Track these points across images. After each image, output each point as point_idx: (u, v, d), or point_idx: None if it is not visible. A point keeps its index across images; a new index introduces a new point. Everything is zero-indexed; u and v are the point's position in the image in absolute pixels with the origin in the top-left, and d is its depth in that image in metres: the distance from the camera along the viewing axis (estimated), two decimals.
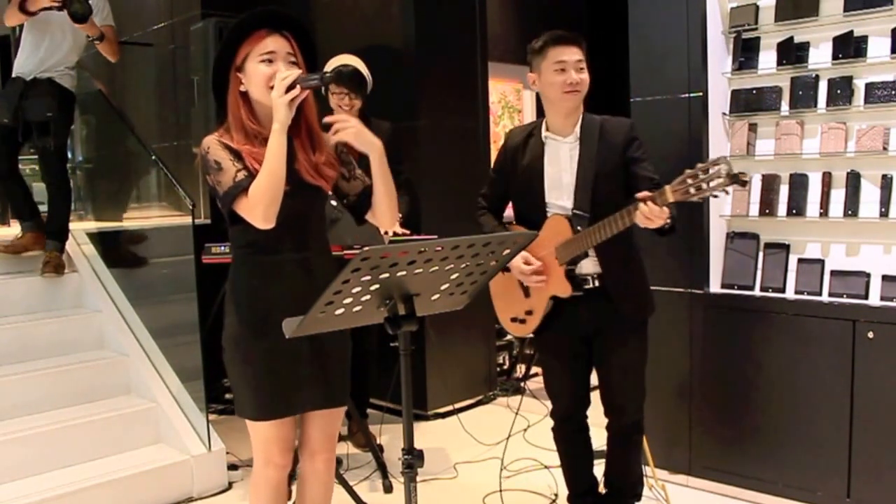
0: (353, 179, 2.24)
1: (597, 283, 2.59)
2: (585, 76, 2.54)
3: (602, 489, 2.90)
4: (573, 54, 2.52)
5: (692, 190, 2.21)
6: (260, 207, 2.01)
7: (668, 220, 2.29)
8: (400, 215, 3.66)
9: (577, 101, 2.56)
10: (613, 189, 2.57)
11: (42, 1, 3.68)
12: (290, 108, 2.01)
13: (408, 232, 3.62)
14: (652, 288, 2.76)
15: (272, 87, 2.02)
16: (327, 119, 2.14)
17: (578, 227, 2.52)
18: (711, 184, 2.17)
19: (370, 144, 2.12)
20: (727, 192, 2.49)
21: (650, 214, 2.26)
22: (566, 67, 2.51)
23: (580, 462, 2.89)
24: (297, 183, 2.10)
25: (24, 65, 3.90)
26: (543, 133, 2.63)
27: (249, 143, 2.09)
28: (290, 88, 2.00)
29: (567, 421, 2.84)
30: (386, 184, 2.17)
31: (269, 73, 2.05)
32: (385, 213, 2.22)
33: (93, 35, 3.89)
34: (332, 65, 3.68)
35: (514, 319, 2.78)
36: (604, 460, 2.84)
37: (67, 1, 3.66)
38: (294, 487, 2.38)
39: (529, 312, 2.70)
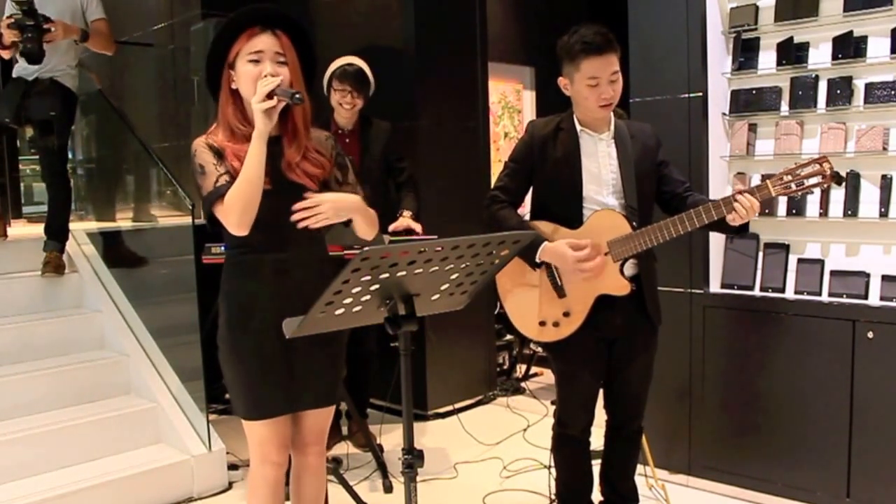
0: (345, 185, 2.23)
1: (634, 286, 2.52)
2: (619, 86, 2.46)
3: (599, 496, 2.82)
4: (607, 66, 2.41)
5: (793, 185, 2.35)
6: (234, 214, 2.01)
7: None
8: (411, 212, 3.65)
9: (609, 112, 2.52)
10: (650, 189, 2.58)
11: (6, 35, 3.60)
12: (267, 117, 2.01)
13: (419, 231, 3.59)
14: None
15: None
16: (294, 217, 2.05)
17: (634, 223, 2.48)
18: (811, 181, 2.34)
19: (350, 211, 2.14)
20: (823, 189, 2.75)
21: (752, 208, 2.33)
22: (599, 83, 2.41)
23: (584, 480, 2.76)
24: (280, 182, 2.09)
25: (26, 66, 3.89)
26: (578, 127, 2.55)
27: (234, 141, 2.09)
28: (269, 96, 1.99)
29: (579, 441, 2.69)
30: (369, 226, 2.19)
31: (256, 73, 2.05)
32: (363, 232, 2.23)
33: (74, 37, 3.85)
34: (336, 65, 3.68)
35: (543, 324, 2.57)
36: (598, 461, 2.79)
37: (19, 43, 3.58)
38: (290, 487, 2.38)
39: (567, 314, 2.54)
